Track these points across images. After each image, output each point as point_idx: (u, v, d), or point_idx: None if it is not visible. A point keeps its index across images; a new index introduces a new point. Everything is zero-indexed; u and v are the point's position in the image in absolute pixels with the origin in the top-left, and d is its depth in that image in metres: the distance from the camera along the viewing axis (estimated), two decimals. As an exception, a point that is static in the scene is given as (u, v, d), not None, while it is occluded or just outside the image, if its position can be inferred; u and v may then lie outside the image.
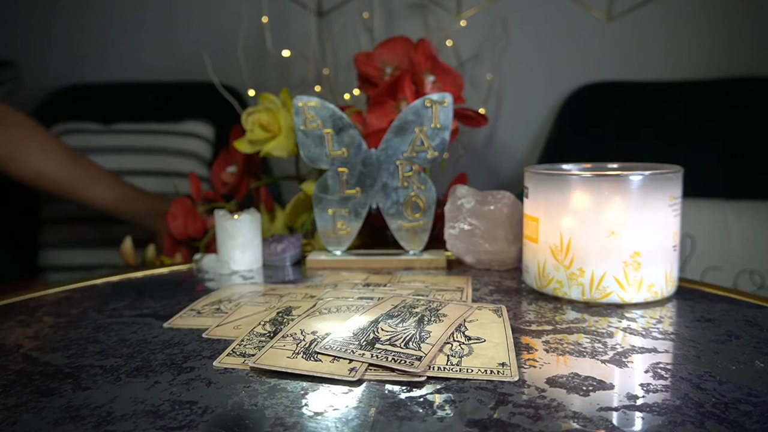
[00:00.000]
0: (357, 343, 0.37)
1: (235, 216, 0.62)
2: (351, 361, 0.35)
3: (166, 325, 0.44)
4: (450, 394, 0.32)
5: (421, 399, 0.31)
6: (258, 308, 0.47)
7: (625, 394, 0.32)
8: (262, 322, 0.43)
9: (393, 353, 0.35)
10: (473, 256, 0.61)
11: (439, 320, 0.41)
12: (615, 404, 0.31)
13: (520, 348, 0.38)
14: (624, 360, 0.36)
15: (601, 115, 1.31)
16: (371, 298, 0.47)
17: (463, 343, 0.38)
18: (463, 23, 1.32)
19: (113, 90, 1.45)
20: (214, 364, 0.37)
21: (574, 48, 1.37)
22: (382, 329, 0.39)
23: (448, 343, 0.38)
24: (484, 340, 0.39)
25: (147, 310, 0.48)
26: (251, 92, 1.19)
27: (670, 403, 0.31)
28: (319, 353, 0.36)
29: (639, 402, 0.31)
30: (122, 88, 1.45)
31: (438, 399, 0.31)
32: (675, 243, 0.49)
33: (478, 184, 0.65)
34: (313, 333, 0.40)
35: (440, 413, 0.30)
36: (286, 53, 1.24)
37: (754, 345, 0.39)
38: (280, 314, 0.44)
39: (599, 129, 1.29)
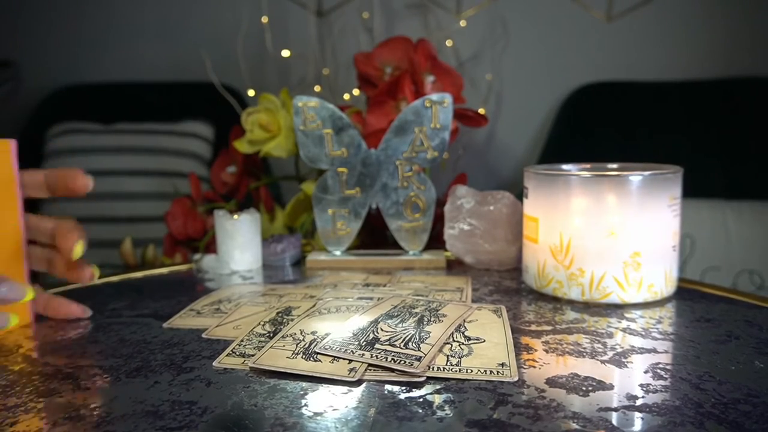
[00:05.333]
0: (357, 343, 0.37)
1: (235, 216, 0.62)
2: (350, 361, 0.35)
3: (165, 325, 0.44)
4: (449, 395, 0.32)
5: (421, 399, 0.31)
6: (258, 308, 0.47)
7: (625, 395, 0.32)
8: (262, 323, 0.43)
9: (392, 353, 0.36)
10: (473, 256, 0.61)
11: (439, 320, 0.41)
12: (614, 404, 0.31)
13: (519, 348, 0.38)
14: (623, 360, 0.36)
15: (601, 115, 1.31)
16: (371, 299, 0.47)
17: (463, 344, 0.38)
18: (463, 23, 1.32)
19: (113, 90, 1.45)
20: (213, 364, 0.37)
21: (573, 48, 1.37)
22: (382, 329, 0.39)
23: (447, 343, 0.38)
24: (484, 341, 0.39)
25: (147, 311, 0.48)
26: (251, 92, 1.19)
27: (669, 403, 0.31)
28: (318, 353, 0.36)
29: (638, 402, 0.31)
30: (122, 88, 1.45)
31: (437, 399, 0.31)
32: (674, 243, 0.49)
33: (477, 184, 0.65)
34: (313, 333, 0.40)
35: (440, 413, 0.30)
36: (285, 53, 1.24)
37: (753, 345, 0.39)
38: (280, 314, 0.44)
39: (599, 129, 1.30)
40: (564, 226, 0.48)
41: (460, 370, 0.34)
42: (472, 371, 0.34)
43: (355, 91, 1.18)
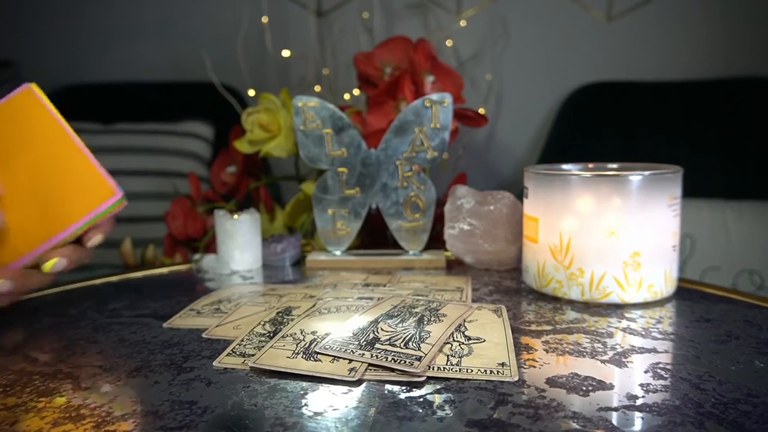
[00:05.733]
0: (357, 343, 0.37)
1: (235, 216, 0.62)
2: (351, 361, 0.35)
3: (165, 325, 0.44)
4: (450, 394, 0.32)
5: (421, 399, 0.31)
6: (258, 308, 0.47)
7: (625, 394, 0.32)
8: (262, 322, 0.43)
9: (393, 353, 0.36)
10: (473, 256, 0.61)
11: (439, 320, 0.41)
12: (615, 404, 0.31)
13: (519, 348, 0.38)
14: (624, 360, 0.36)
15: (601, 115, 1.31)
16: (371, 298, 0.47)
17: (463, 343, 0.38)
18: (463, 23, 1.32)
19: (113, 90, 1.45)
20: (213, 364, 0.37)
21: (574, 48, 1.37)
22: (382, 329, 0.39)
23: (447, 343, 0.38)
24: (484, 340, 0.39)
25: (146, 310, 0.48)
26: (251, 92, 1.19)
27: (669, 403, 0.31)
28: (318, 353, 0.36)
29: (639, 402, 0.31)
30: (122, 88, 1.45)
31: (438, 399, 0.31)
32: (674, 243, 0.49)
33: (477, 184, 0.65)
34: (313, 333, 0.40)
35: (440, 413, 0.30)
36: (286, 53, 1.24)
37: (753, 345, 0.39)
38: (280, 314, 0.44)
39: (599, 129, 1.29)
40: (564, 226, 0.48)
41: (460, 369, 0.34)
42: (472, 371, 0.34)
43: (355, 91, 1.18)
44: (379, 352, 0.36)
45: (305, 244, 0.74)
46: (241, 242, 0.62)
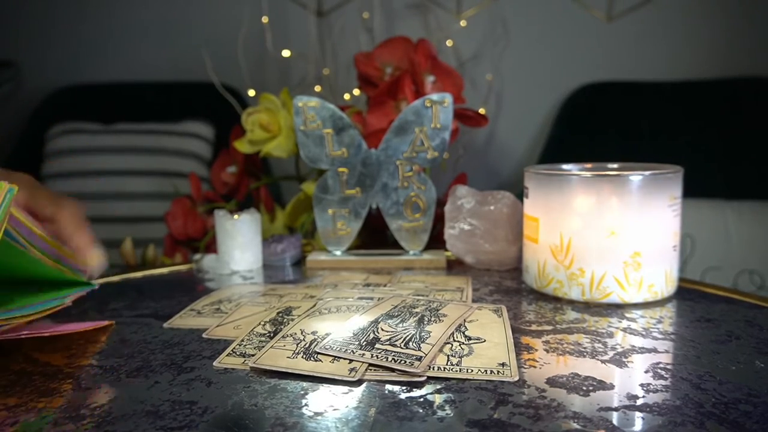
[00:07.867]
0: (357, 343, 0.37)
1: (235, 216, 0.62)
2: (351, 361, 0.35)
3: (166, 325, 0.44)
4: (450, 394, 0.32)
5: (421, 399, 0.31)
6: (258, 308, 0.47)
7: (625, 394, 0.32)
8: (262, 322, 0.43)
9: (393, 353, 0.35)
10: (473, 256, 0.61)
11: (439, 320, 0.41)
12: (615, 404, 0.31)
13: (520, 348, 0.38)
14: (624, 360, 0.36)
15: (601, 115, 1.31)
16: (371, 298, 0.47)
17: (463, 343, 0.38)
18: (463, 23, 1.32)
19: (113, 90, 1.45)
20: (214, 364, 0.36)
21: (574, 48, 1.37)
22: (382, 329, 0.39)
23: (448, 343, 0.38)
24: (484, 340, 0.39)
25: (147, 310, 0.48)
26: (251, 92, 1.19)
27: (670, 403, 0.31)
28: (319, 353, 0.36)
29: (639, 402, 0.31)
30: (122, 88, 1.45)
31: (438, 399, 0.31)
32: (675, 243, 0.49)
33: (478, 184, 0.65)
34: (313, 333, 0.40)
35: (440, 413, 0.30)
36: (286, 53, 1.25)
37: (754, 345, 0.39)
38: (280, 314, 0.44)
39: (599, 129, 1.30)
40: (564, 226, 0.48)
41: (460, 369, 0.34)
42: (472, 371, 0.34)
43: (356, 91, 1.18)
44: (380, 352, 0.36)
45: (305, 244, 0.74)
46: (241, 242, 0.62)
